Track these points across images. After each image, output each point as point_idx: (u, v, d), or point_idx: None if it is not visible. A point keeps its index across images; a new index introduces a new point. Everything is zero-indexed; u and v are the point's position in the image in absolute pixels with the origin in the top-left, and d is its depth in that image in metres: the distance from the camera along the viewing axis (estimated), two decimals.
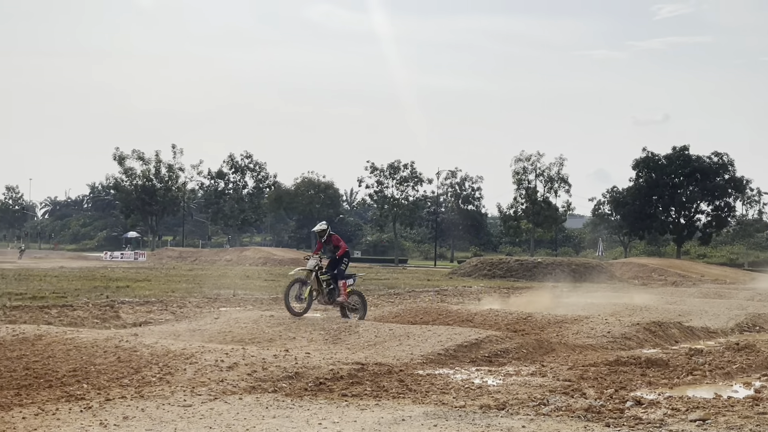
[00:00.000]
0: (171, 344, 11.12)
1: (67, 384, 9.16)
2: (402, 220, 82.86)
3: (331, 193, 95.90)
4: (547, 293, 30.22)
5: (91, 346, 10.88)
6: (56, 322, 15.92)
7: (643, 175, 73.45)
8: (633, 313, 19.35)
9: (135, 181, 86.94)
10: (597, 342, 14.40)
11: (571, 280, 41.71)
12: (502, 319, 16.79)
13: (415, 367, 11.12)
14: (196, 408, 8.15)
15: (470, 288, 32.95)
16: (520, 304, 22.40)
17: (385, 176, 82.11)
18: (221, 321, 15.18)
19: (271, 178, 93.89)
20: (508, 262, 47.17)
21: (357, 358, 11.29)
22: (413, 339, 13.04)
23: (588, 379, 10.63)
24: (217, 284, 31.06)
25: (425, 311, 18.30)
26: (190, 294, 24.86)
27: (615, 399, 9.04)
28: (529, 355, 12.66)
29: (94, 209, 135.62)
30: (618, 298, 25.64)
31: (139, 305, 20.33)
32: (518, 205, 77.99)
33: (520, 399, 8.99)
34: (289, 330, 14.10)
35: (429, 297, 26.78)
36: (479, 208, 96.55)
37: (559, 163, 76.43)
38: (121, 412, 7.89)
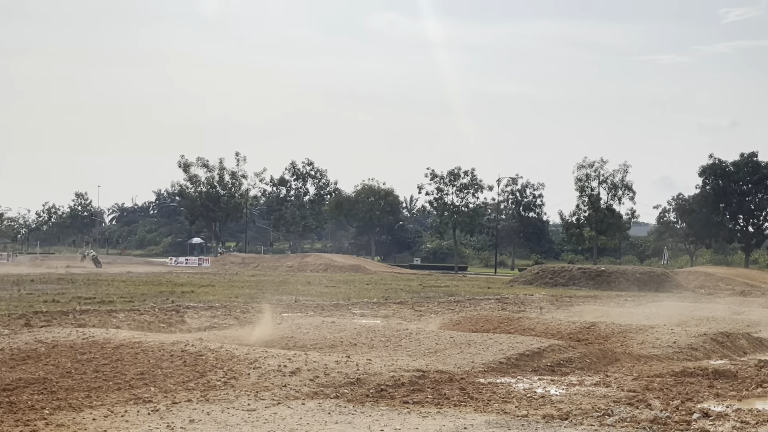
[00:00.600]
0: (235, 349, 11.30)
1: (135, 387, 9.39)
2: (462, 227, 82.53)
3: (391, 200, 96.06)
4: (611, 302, 29.77)
5: (158, 350, 11.12)
6: (124, 326, 16.31)
7: (710, 182, 71.89)
8: (700, 323, 18.93)
9: (199, 188, 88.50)
10: (663, 352, 14.13)
11: (635, 289, 41.00)
12: (565, 328, 16.61)
13: (476, 375, 11.08)
14: (259, 412, 8.27)
15: (532, 296, 32.64)
16: (583, 313, 22.12)
17: (445, 183, 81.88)
18: (284, 327, 15.37)
19: (331, 185, 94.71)
20: (570, 270, 46.56)
21: (418, 365, 11.30)
22: (474, 347, 12.99)
23: (653, 390, 10.44)
24: (279, 290, 31.43)
25: (486, 319, 18.21)
26: (252, 300, 25.19)
27: (681, 411, 8.86)
28: (593, 365, 12.49)
29: (159, 215, 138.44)
30: (684, 308, 25.11)
31: (203, 310, 20.69)
32: (581, 212, 77.00)
33: (583, 409, 8.88)
34: (351, 336, 14.18)
35: (490, 305, 26.62)
36: (540, 216, 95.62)
37: (623, 169, 75.26)
38: (187, 415, 8.05)
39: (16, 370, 10.17)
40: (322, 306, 23.80)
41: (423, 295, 30.81)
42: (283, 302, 24.72)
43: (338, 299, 27.06)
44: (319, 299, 26.69)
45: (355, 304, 24.99)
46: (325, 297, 28.04)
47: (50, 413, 7.99)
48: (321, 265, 64.41)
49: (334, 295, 29.16)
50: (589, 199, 75.86)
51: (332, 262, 66.24)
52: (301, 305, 23.83)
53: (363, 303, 25.71)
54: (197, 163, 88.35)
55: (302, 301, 25.29)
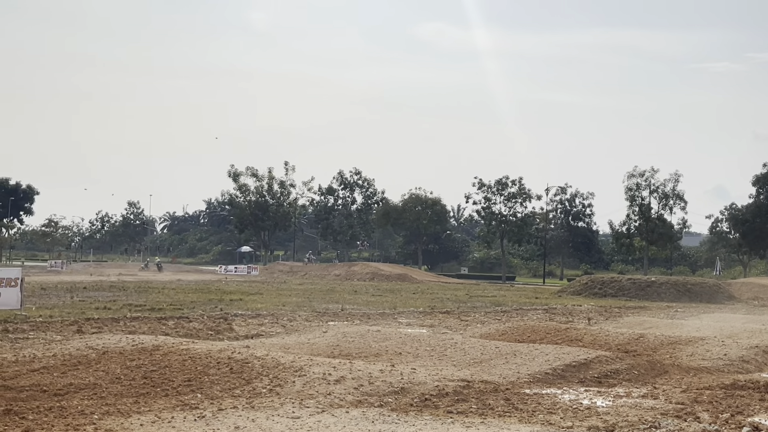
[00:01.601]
0: (281, 357, 11.39)
1: (182, 393, 9.53)
2: (510, 236, 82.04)
3: (439, 210, 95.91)
4: (661, 313, 29.30)
5: (205, 357, 11.27)
6: (173, 333, 16.55)
7: (764, 192, 70.39)
8: (752, 336, 18.52)
9: (248, 197, 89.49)
10: (713, 364, 13.88)
11: (686, 300, 40.33)
12: (613, 339, 16.41)
13: (521, 386, 11.00)
14: (304, 420, 8.33)
15: (580, 307, 32.29)
16: (632, 324, 21.81)
17: (492, 192, 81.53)
18: (329, 335, 15.45)
19: (379, 194, 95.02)
20: (620, 280, 45.95)
21: (463, 375, 11.27)
22: (520, 357, 12.90)
23: (702, 402, 10.25)
24: (326, 299, 31.61)
25: (533, 329, 18.07)
26: (299, 308, 25.38)
27: (731, 424, 8.69)
28: (641, 377, 12.31)
29: (209, 224, 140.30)
30: (736, 320, 24.60)
31: (251, 318, 20.90)
32: (631, 222, 76.04)
33: (630, 421, 8.76)
34: (396, 345, 14.20)
35: (537, 315, 26.41)
36: (590, 225, 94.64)
37: (674, 179, 74.20)
38: (233, 422, 8.14)
39: (67, 376, 10.39)
40: (368, 315, 23.86)
41: (469, 305, 30.69)
42: (329, 311, 24.86)
43: (384, 308, 27.11)
44: (365, 308, 26.76)
45: (401, 314, 25.01)
46: (371, 306, 28.12)
47: (99, 418, 8.15)
48: (368, 274, 64.57)
49: (380, 304, 29.21)
50: (640, 209, 74.87)
51: (379, 271, 66.37)
52: (347, 314, 23.93)
53: (409, 312, 25.71)
54: (246, 173, 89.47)
55: (348, 310, 25.39)
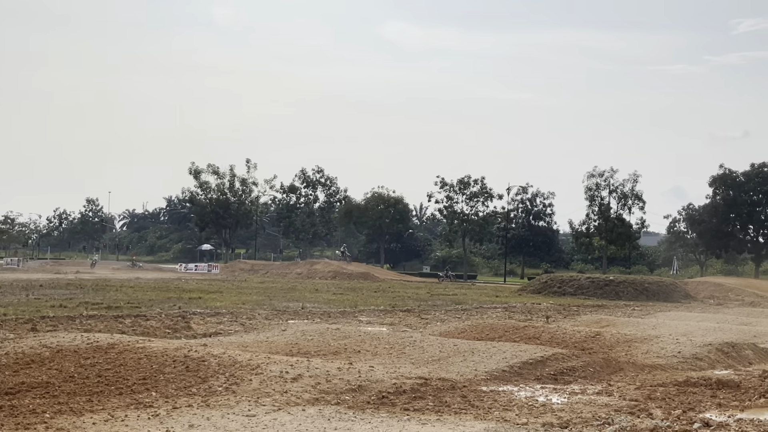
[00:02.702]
0: (238, 355, 11.33)
1: (136, 392, 9.43)
2: (472, 235, 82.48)
3: (401, 208, 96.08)
4: (618, 312, 29.68)
5: (161, 356, 11.15)
6: (129, 332, 16.37)
7: (721, 193, 71.69)
8: (706, 334, 18.86)
9: (210, 195, 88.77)
10: (667, 362, 14.09)
11: (643, 299, 40.90)
12: (570, 337, 16.58)
13: (478, 384, 11.07)
14: (259, 418, 8.30)
15: (539, 305, 32.58)
16: (589, 323, 22.06)
17: (454, 191, 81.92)
18: (288, 333, 15.40)
19: (341, 193, 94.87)
20: (578, 279, 46.42)
21: (421, 372, 11.30)
22: (478, 355, 12.99)
23: (655, 399, 10.42)
24: (286, 297, 31.49)
25: (491, 328, 18.19)
26: (259, 306, 25.25)
27: (682, 420, 8.83)
28: (596, 374, 12.47)
29: (170, 222, 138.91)
30: (691, 318, 25.02)
31: (209, 316, 20.75)
32: (591, 221, 76.90)
33: (584, 418, 8.87)
34: (355, 343, 14.21)
35: (496, 314, 26.59)
36: (550, 225, 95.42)
37: (633, 179, 75.14)
38: (187, 420, 8.08)
39: (20, 374, 10.22)
40: (329, 313, 23.83)
41: (430, 303, 30.80)
42: (290, 309, 24.78)
43: (345, 306, 27.10)
44: (326, 306, 26.72)
45: (361, 312, 25.01)
46: (332, 304, 28.08)
47: (51, 417, 8.04)
48: (330, 273, 64.44)
49: (341, 303, 29.19)
50: (599, 209, 75.74)
51: (341, 270, 66.26)
52: (307, 312, 23.88)
53: (370, 310, 25.73)
54: (208, 170, 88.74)
55: (309, 308, 25.33)
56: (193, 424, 7.93)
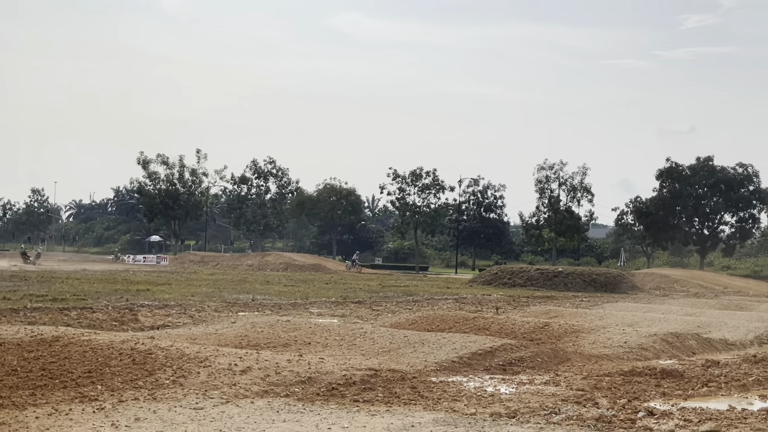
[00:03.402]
0: (186, 347, 11.21)
1: (81, 385, 9.26)
2: (423, 227, 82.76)
3: (353, 200, 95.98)
4: (567, 303, 30.08)
5: (107, 348, 10.98)
6: (75, 324, 16.08)
7: (667, 186, 72.96)
8: (652, 324, 19.21)
9: (159, 186, 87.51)
10: (613, 352, 14.32)
11: (591, 290, 41.52)
12: (519, 327, 16.75)
13: (428, 374, 11.12)
14: (207, 411, 8.21)
15: (489, 296, 32.86)
16: (538, 314, 22.32)
17: (407, 183, 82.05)
18: (238, 325, 15.29)
19: (293, 184, 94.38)
20: (528, 271, 46.94)
21: (371, 364, 11.32)
22: (428, 346, 13.04)
23: (602, 389, 10.58)
24: (237, 289, 31.25)
25: (442, 319, 18.29)
26: (209, 298, 25.02)
27: (627, 409, 8.98)
28: (544, 364, 12.61)
29: (118, 213, 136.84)
30: (637, 309, 25.46)
31: (158, 309, 20.48)
32: (540, 213, 77.74)
33: (531, 407, 8.96)
34: (305, 335, 14.16)
35: (447, 305, 26.74)
36: (501, 217, 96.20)
37: (582, 172, 76.12)
38: (133, 413, 7.96)
39: None
40: (280, 305, 23.71)
41: (382, 295, 30.84)
42: (240, 301, 24.59)
43: (296, 298, 27.00)
44: (276, 298, 26.59)
45: (313, 303, 24.94)
46: (283, 296, 27.95)
47: None
48: (281, 264, 64.17)
49: (292, 294, 29.07)
50: (549, 201, 76.60)
51: (293, 261, 66.05)
52: (258, 304, 23.72)
53: (321, 302, 25.67)
54: (157, 160, 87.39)
55: (260, 300, 25.17)
56: (140, 417, 7.81)
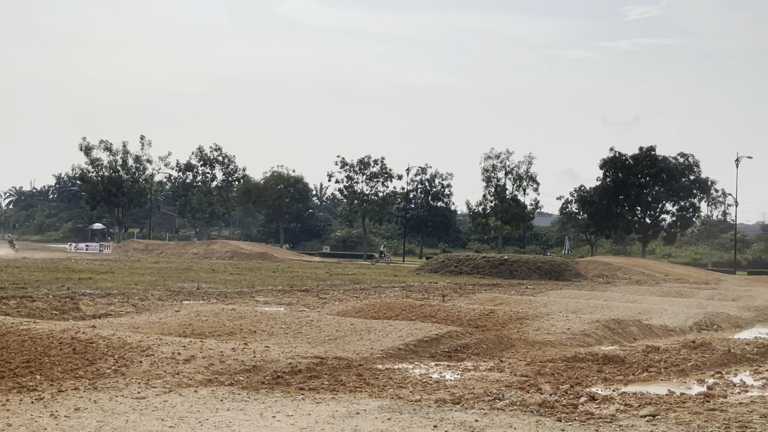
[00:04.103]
0: (128, 336, 11.02)
1: (19, 375, 9.05)
2: (371, 215, 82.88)
3: (301, 188, 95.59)
4: (512, 290, 30.42)
5: (47, 338, 10.74)
6: (14, 313, 15.70)
7: (611, 175, 74.10)
8: (594, 311, 19.53)
9: (101, 172, 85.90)
10: (557, 338, 14.52)
11: (536, 278, 42.05)
12: (465, 315, 16.87)
13: (374, 362, 11.13)
14: (149, 400, 8.09)
15: (436, 284, 33.04)
16: (484, 301, 22.52)
17: (355, 171, 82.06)
18: (182, 314, 15.10)
19: (240, 172, 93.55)
20: (475, 258, 47.31)
21: (317, 352, 11.28)
22: (374, 334, 13.05)
23: (545, 374, 10.71)
24: (181, 277, 30.87)
25: (388, 306, 18.32)
26: (153, 287, 24.66)
27: (570, 394, 9.11)
28: (489, 351, 12.73)
29: (59, 200, 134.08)
30: (581, 296, 25.87)
31: (100, 297, 20.12)
32: (487, 202, 78.37)
33: (475, 393, 9.03)
34: (251, 323, 14.06)
35: (394, 293, 26.81)
36: (449, 205, 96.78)
37: (528, 161, 76.99)
38: (73, 403, 7.81)
39: None
40: (225, 293, 23.49)
41: (329, 283, 30.78)
42: (184, 289, 24.30)
43: (242, 287, 26.78)
44: (222, 287, 26.34)
45: (259, 292, 24.77)
46: (229, 284, 27.70)
47: None
48: (227, 253, 63.57)
49: (238, 283, 28.83)
50: (495, 190, 77.28)
51: (239, 250, 65.48)
52: (203, 292, 23.47)
53: (267, 290, 25.51)
54: (99, 147, 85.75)
55: (205, 289, 24.91)
56: (80, 407, 7.66)
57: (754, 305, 23.72)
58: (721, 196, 77.76)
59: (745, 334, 17.49)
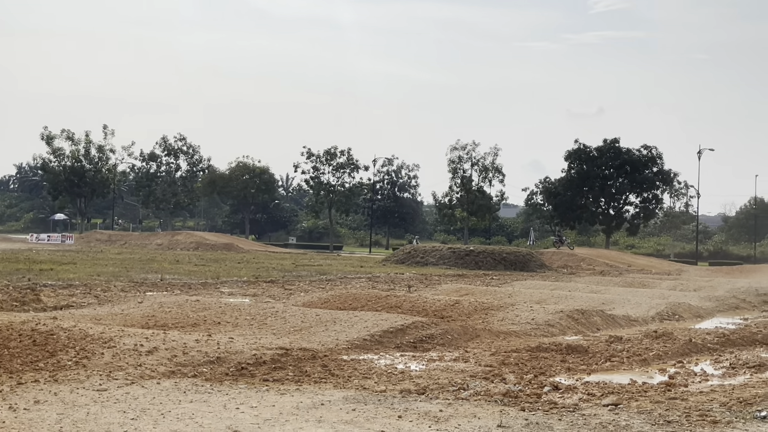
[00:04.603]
0: (90, 328, 10.88)
1: None
2: (338, 206, 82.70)
3: (267, 178, 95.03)
4: (477, 281, 30.57)
5: (6, 329, 10.55)
6: None
7: (575, 167, 74.71)
8: (558, 301, 19.69)
9: (64, 162, 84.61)
10: (521, 329, 14.61)
11: (502, 269, 42.29)
12: (430, 305, 16.91)
13: (339, 353, 11.11)
14: (111, 392, 7.99)
15: (402, 275, 33.09)
16: (449, 291, 22.59)
17: (321, 162, 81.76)
18: (145, 305, 14.95)
19: (204, 162, 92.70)
20: (441, 249, 47.43)
21: (281, 343, 11.22)
22: (340, 324, 13.03)
23: (509, 364, 10.77)
24: (145, 268, 30.56)
25: (354, 297, 18.30)
26: (116, 278, 24.39)
27: (533, 384, 9.17)
28: (454, 341, 12.76)
29: (20, 190, 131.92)
30: (545, 287, 26.06)
31: (61, 288, 19.84)
32: (453, 193, 78.59)
33: (440, 384, 9.06)
34: (215, 315, 13.96)
35: (360, 284, 26.79)
36: (415, 196, 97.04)
37: (493, 152, 77.27)
38: (33, 396, 7.68)
39: None
40: (189, 285, 23.31)
41: (295, 274, 30.68)
42: (148, 281, 24.06)
43: (207, 278, 26.59)
44: (186, 278, 26.12)
45: (224, 283, 24.61)
46: (193, 275, 27.48)
47: None
48: (192, 244, 63.06)
49: (202, 274, 28.62)
50: (461, 181, 77.51)
51: (204, 241, 64.98)
52: (167, 284, 23.26)
53: (232, 282, 25.36)
54: (62, 136, 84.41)
55: (168, 280, 24.68)
56: (39, 399, 7.54)
57: (715, 295, 24.07)
58: (684, 188, 79.05)
59: (706, 324, 17.75)
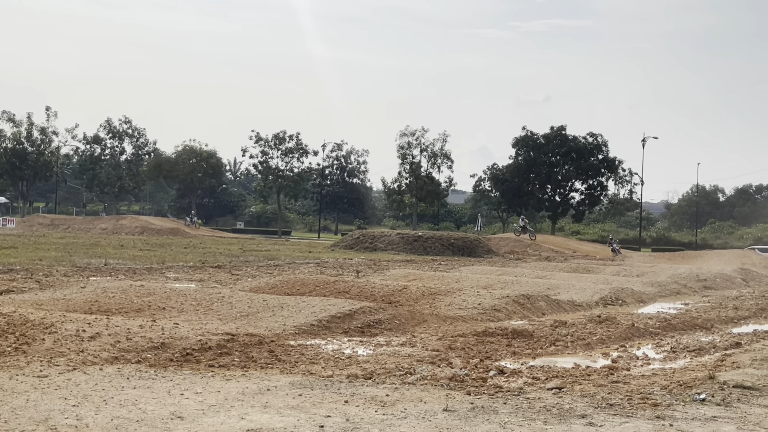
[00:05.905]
0: (30, 313, 10.64)
1: None
2: (286, 191, 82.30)
3: (214, 163, 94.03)
4: (426, 266, 30.71)
5: None
6: None
7: (522, 154, 75.56)
8: (505, 287, 19.88)
9: (4, 144, 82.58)
10: (468, 313, 14.72)
11: (450, 254, 42.58)
12: (378, 290, 16.93)
13: (286, 338, 11.05)
14: (52, 379, 7.83)
15: (351, 260, 33.08)
16: (398, 277, 22.65)
17: (270, 147, 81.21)
18: (88, 290, 14.68)
19: (150, 145, 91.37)
20: (389, 235, 47.58)
21: (228, 328, 11.12)
22: (287, 310, 12.97)
23: (456, 349, 10.84)
24: (88, 253, 30.02)
25: (302, 282, 18.24)
26: (58, 263, 23.91)
27: (479, 368, 9.25)
28: (401, 326, 12.80)
29: None
30: (492, 272, 26.30)
31: (1, 273, 19.39)
32: (402, 179, 78.84)
33: (387, 368, 9.07)
34: (160, 300, 13.78)
35: (309, 269, 26.71)
36: (364, 182, 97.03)
37: (442, 139, 77.68)
38: None
39: None
40: (134, 270, 22.96)
41: (242, 259, 30.44)
42: (91, 265, 23.64)
43: (152, 263, 26.23)
44: (131, 263, 25.74)
45: (169, 268, 24.30)
46: (138, 260, 27.09)
47: None
48: (137, 228, 62.18)
49: (147, 259, 28.22)
50: (411, 167, 77.75)
51: (149, 225, 64.12)
52: (111, 269, 22.88)
53: (178, 267, 25.06)
54: (2, 117, 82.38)
55: (113, 265, 24.29)
56: None
57: (657, 281, 24.56)
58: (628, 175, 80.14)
59: (648, 309, 18.12)
